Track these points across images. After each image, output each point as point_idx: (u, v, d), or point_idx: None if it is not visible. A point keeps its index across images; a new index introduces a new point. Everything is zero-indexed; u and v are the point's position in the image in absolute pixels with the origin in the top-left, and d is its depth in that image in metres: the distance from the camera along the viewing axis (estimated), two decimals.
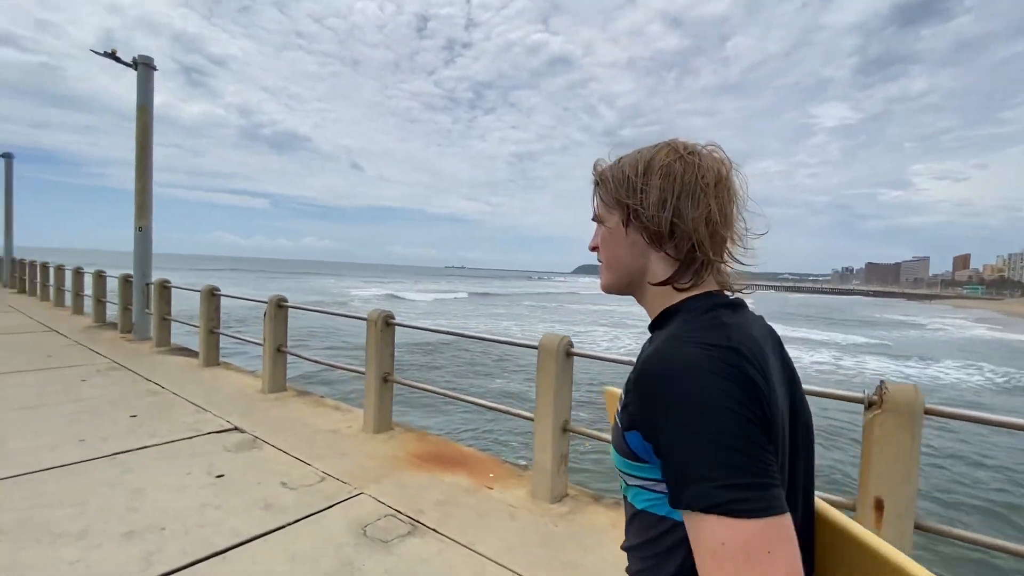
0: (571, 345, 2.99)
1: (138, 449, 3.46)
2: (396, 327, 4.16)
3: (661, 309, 0.75)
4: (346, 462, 3.43)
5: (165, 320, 7.19)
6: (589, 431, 3.10)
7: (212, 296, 6.20)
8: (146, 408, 4.37)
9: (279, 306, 5.11)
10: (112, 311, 9.03)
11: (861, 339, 28.15)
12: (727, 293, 0.74)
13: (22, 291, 14.50)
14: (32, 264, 13.91)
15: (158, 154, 7.89)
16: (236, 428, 3.99)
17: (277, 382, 5.10)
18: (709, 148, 0.73)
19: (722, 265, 0.73)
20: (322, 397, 5.05)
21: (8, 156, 17.95)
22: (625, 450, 0.68)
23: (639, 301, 0.80)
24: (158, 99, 7.92)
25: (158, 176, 7.91)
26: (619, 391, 0.87)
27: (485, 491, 3.11)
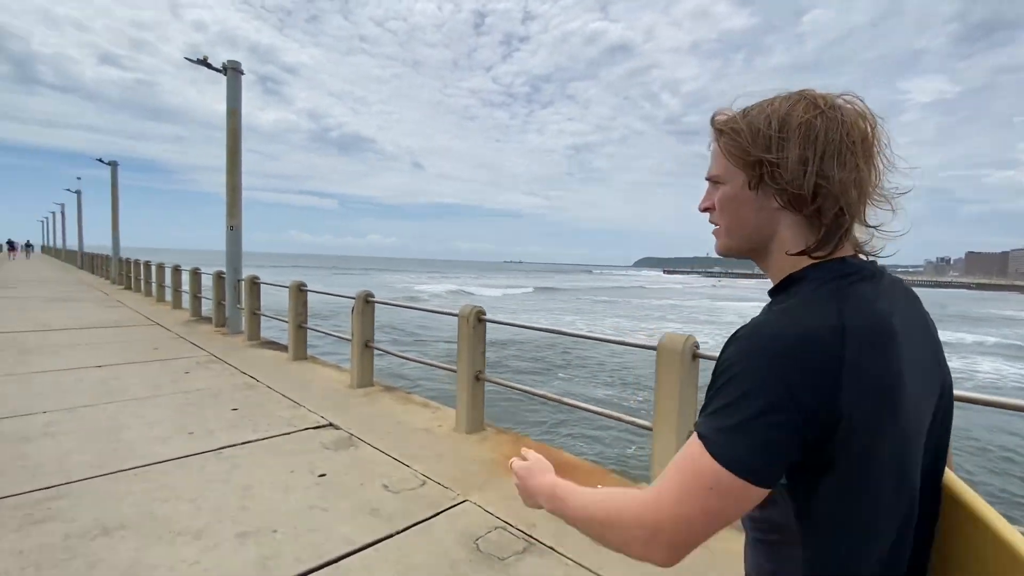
0: (697, 346, 2.66)
1: (242, 444, 3.49)
2: (488, 323, 3.98)
3: (785, 275, 0.70)
4: (444, 465, 3.28)
5: (255, 315, 7.48)
6: None
7: (300, 292, 6.33)
8: (245, 401, 4.47)
9: (366, 302, 5.10)
10: (207, 306, 9.59)
11: (972, 337, 25.05)
12: (862, 257, 0.70)
13: (128, 287, 15.85)
14: (136, 263, 15.16)
15: (257, 163, 8.21)
16: (331, 424, 3.97)
17: (365, 377, 5.10)
18: (848, 100, 0.66)
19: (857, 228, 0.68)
20: (409, 393, 4.99)
21: (113, 164, 19.72)
22: None
23: (759, 265, 0.75)
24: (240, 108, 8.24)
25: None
26: None
27: None
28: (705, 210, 0.77)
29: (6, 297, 12.19)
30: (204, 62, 7.88)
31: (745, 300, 50.08)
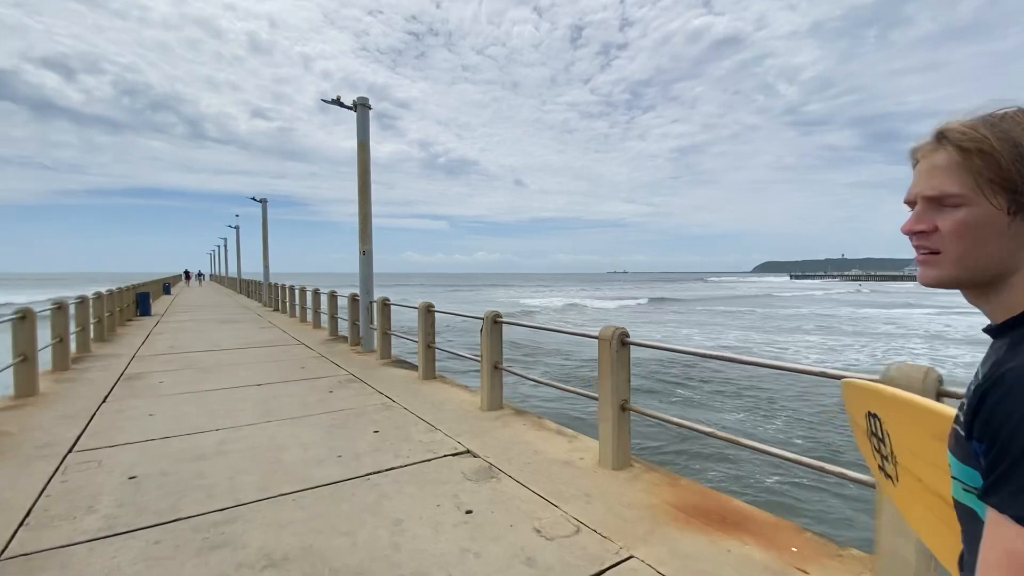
0: (941, 381, 2.04)
1: (387, 470, 3.47)
2: (632, 346, 3.59)
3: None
4: (597, 508, 2.94)
5: (387, 334, 7.82)
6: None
7: (428, 313, 6.45)
8: (385, 423, 4.54)
9: (495, 322, 4.98)
10: (343, 326, 10.32)
11: None
12: None
13: (276, 309, 17.84)
14: (281, 287, 17.02)
15: (377, 192, 8.73)
16: (468, 451, 3.84)
17: (495, 400, 4.96)
18: None
19: None
20: (540, 418, 4.75)
21: (263, 201, 22.53)
22: (966, 457, 0.64)
23: (981, 298, 0.68)
24: (356, 143, 8.77)
25: None
26: (864, 383, 1.17)
27: (797, 575, 2.31)
28: (916, 232, 0.69)
29: (187, 320, 14.30)
30: (337, 102, 8.56)
31: (909, 306, 43.01)
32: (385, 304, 7.87)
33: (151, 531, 2.67)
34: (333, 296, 10.78)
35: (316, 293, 12.35)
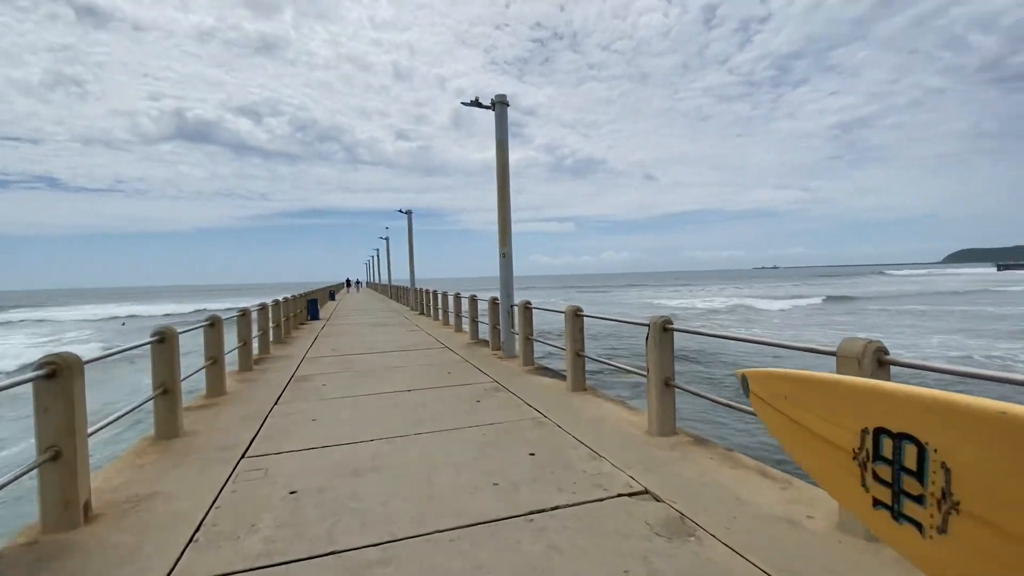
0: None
1: (552, 510, 2.89)
2: (892, 366, 2.54)
3: None
4: None
5: (529, 340, 7.40)
6: None
7: (577, 317, 5.84)
8: (540, 444, 4.01)
9: (664, 329, 4.17)
10: (483, 329, 10.24)
11: None
12: None
13: (422, 313, 18.81)
14: (426, 292, 17.86)
15: (494, 198, 8.40)
16: (647, 491, 3.11)
17: (667, 424, 4.14)
18: None
19: None
20: (730, 450, 3.81)
21: (409, 213, 24.09)
22: None
23: None
24: (491, 155, 8.45)
25: (494, 215, 8.37)
26: (866, 382, 0.95)
27: None
28: None
29: (346, 324, 15.64)
30: (476, 103, 8.41)
31: None
32: (527, 308, 7.45)
33: (306, 565, 2.42)
34: (473, 300, 10.76)
35: (457, 297, 12.55)
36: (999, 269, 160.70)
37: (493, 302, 9.07)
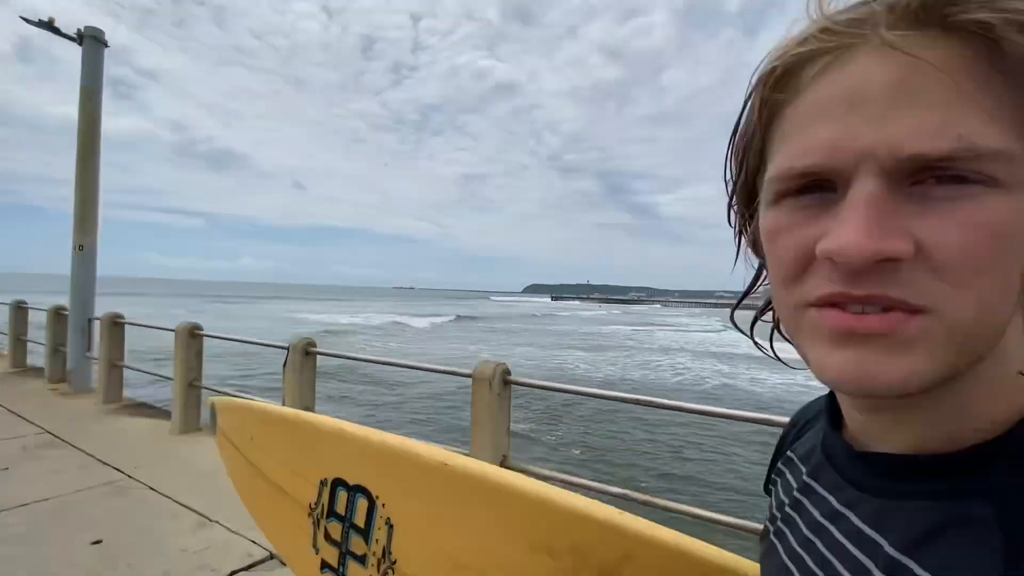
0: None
1: None
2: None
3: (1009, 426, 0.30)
4: None
5: (116, 367, 5.45)
6: None
7: (193, 337, 4.61)
8: (115, 521, 2.82)
9: (307, 353, 3.67)
10: (37, 351, 7.05)
11: None
12: None
13: None
14: None
15: (102, 175, 6.08)
16: (271, 555, 2.56)
17: None
18: None
19: None
20: None
21: None
22: None
23: (907, 412, 0.33)
24: (74, 111, 6.01)
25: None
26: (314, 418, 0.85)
27: None
28: (874, 263, 0.28)
29: None
30: (51, 26, 5.83)
31: (655, 324, 52.96)
32: (116, 323, 5.50)
33: None
34: (21, 308, 7.32)
35: None
36: (552, 299, 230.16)
37: (57, 312, 6.36)
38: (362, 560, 0.78)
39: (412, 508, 0.74)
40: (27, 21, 5.87)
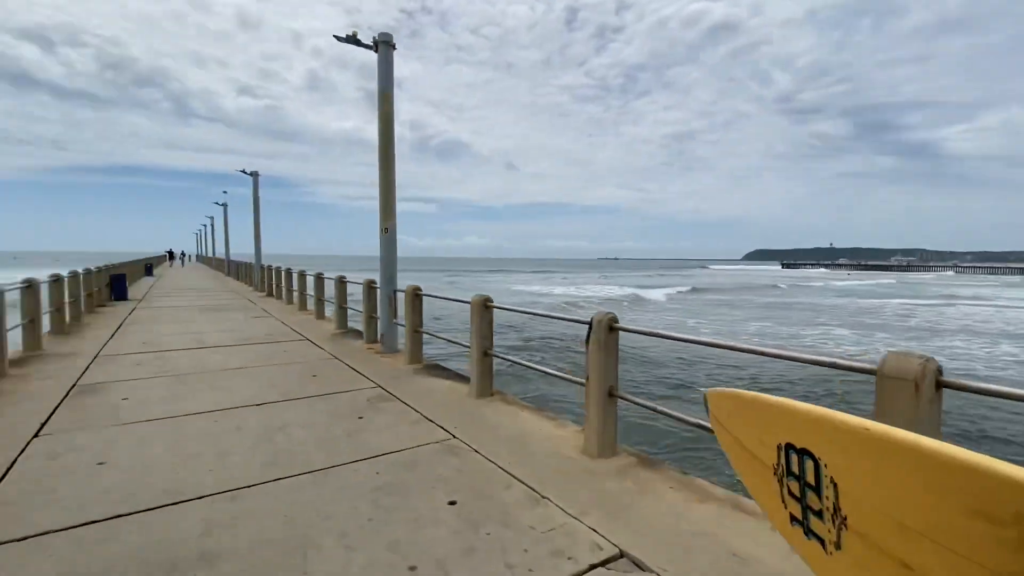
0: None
1: None
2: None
3: None
4: None
5: (417, 333, 6.23)
6: None
7: (486, 309, 4.85)
8: (457, 482, 2.98)
9: (611, 328, 3.39)
10: (353, 316, 8.71)
11: None
12: None
13: (269, 294, 16.07)
14: (277, 270, 15.25)
15: (354, 172, 6.99)
16: (623, 554, 2.30)
17: (608, 442, 3.41)
18: None
19: None
20: (685, 473, 3.20)
21: (254, 174, 20.59)
22: None
23: None
24: (351, 125, 6.98)
25: (353, 190, 7.02)
26: (782, 402, 0.98)
27: None
28: None
29: (168, 306, 12.53)
30: (354, 39, 6.82)
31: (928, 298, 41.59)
32: (416, 295, 6.26)
33: None
34: (342, 282, 9.12)
35: (319, 278, 10.66)
36: (783, 266, 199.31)
37: (369, 285, 7.64)
38: (819, 514, 0.93)
39: (850, 468, 0.85)
40: (338, 39, 6.95)
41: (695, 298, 40.49)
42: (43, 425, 3.88)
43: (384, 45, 6.70)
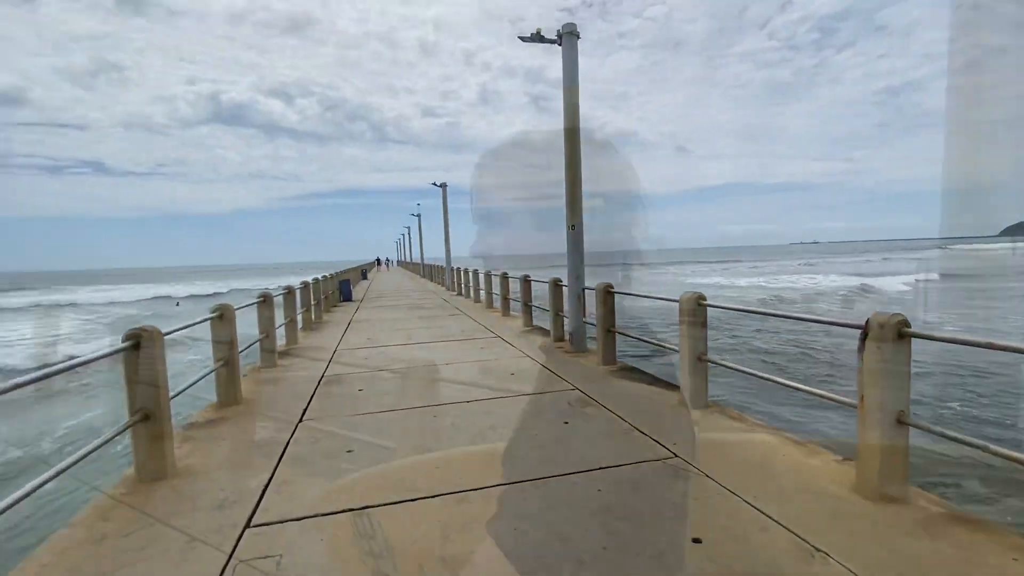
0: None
1: None
2: None
3: None
4: None
5: (610, 332, 5.90)
6: None
7: (699, 307, 4.28)
8: (697, 516, 2.54)
9: (900, 335, 2.58)
10: (538, 315, 8.79)
11: None
12: None
13: (459, 293, 17.46)
14: (464, 271, 16.46)
15: (533, 175, 6.75)
16: None
17: (895, 477, 2.60)
18: None
19: None
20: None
21: (443, 185, 22.64)
22: None
23: None
24: (513, 130, 6.76)
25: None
26: None
27: None
28: None
29: (381, 306, 14.44)
30: (538, 36, 6.77)
31: None
32: (608, 292, 5.93)
33: None
34: (527, 281, 9.29)
35: (505, 278, 11.11)
36: None
37: (555, 284, 7.57)
38: None
39: None
40: (522, 39, 6.97)
41: (961, 287, 30.18)
42: (304, 412, 4.54)
43: (568, 36, 6.51)
